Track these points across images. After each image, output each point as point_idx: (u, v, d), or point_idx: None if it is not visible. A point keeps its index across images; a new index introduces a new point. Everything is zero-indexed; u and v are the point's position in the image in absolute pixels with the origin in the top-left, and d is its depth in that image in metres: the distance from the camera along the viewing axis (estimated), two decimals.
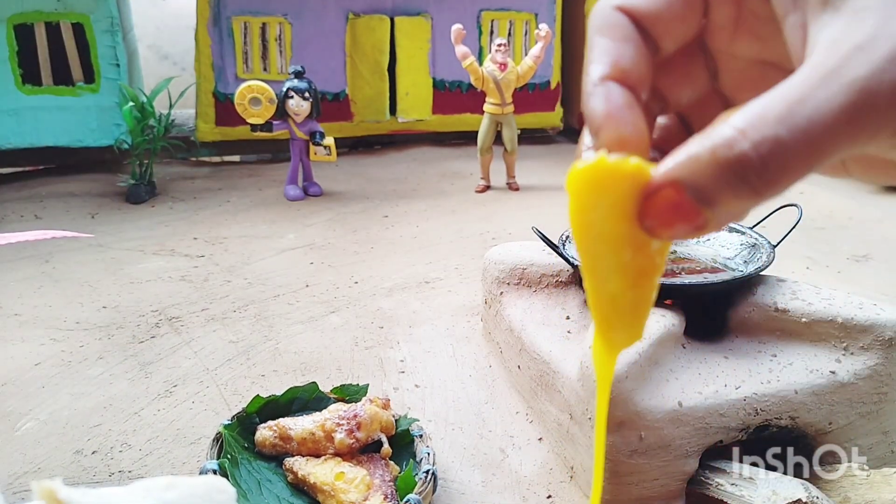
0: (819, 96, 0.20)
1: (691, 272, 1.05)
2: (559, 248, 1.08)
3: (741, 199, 0.21)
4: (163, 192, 2.28)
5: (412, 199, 2.21)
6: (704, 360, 0.90)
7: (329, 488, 0.84)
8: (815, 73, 0.20)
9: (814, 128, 0.20)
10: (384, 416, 0.93)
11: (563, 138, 2.99)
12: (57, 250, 1.77)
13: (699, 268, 1.06)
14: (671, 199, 0.22)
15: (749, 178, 0.21)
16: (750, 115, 0.21)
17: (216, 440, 0.92)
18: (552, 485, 0.94)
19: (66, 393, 1.15)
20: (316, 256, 1.74)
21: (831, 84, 0.20)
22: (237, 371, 1.21)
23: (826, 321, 0.90)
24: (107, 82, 2.35)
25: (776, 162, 0.20)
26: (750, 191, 0.21)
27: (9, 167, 2.47)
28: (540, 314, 1.09)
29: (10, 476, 0.95)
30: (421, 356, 1.25)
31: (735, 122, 0.21)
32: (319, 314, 1.42)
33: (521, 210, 2.08)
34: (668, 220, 0.22)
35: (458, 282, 1.57)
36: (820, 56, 0.21)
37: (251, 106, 2.09)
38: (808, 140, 0.20)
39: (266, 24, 2.56)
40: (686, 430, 0.83)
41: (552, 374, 0.98)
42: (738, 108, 0.21)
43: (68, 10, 2.28)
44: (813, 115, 0.20)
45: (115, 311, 1.44)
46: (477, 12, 2.73)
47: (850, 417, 0.88)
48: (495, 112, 2.20)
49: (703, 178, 0.21)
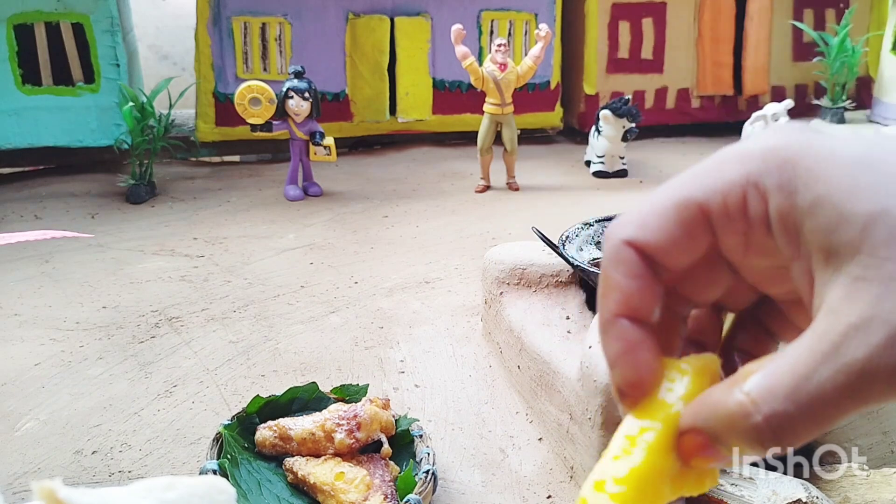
0: (822, 375, 0.22)
1: None
2: (559, 248, 1.08)
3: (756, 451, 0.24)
4: (163, 192, 2.28)
5: (412, 199, 2.21)
6: None
7: (329, 488, 0.84)
8: (819, 347, 0.22)
9: (818, 404, 0.22)
10: (384, 417, 0.94)
11: (563, 138, 2.99)
12: (57, 250, 1.77)
13: None
14: (697, 442, 0.25)
15: (763, 442, 0.23)
16: (761, 386, 0.23)
17: (216, 440, 0.92)
18: (552, 485, 0.94)
19: (66, 393, 1.15)
20: (316, 256, 1.74)
21: (832, 363, 0.22)
22: (237, 371, 1.21)
23: None
24: (107, 82, 2.35)
25: (785, 432, 0.23)
26: (763, 449, 0.24)
27: (9, 167, 2.47)
28: (540, 314, 1.09)
29: (10, 476, 0.95)
30: (421, 356, 1.25)
31: (750, 391, 0.23)
32: (319, 314, 1.42)
33: (521, 210, 2.08)
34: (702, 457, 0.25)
35: (458, 282, 1.57)
36: (822, 325, 0.23)
37: (251, 106, 2.09)
38: (813, 415, 0.22)
39: (266, 24, 2.56)
40: None
41: (552, 374, 0.98)
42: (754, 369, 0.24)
43: (68, 10, 2.28)
44: (818, 392, 0.22)
45: (115, 311, 1.44)
46: (477, 12, 2.73)
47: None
48: (495, 112, 2.20)
49: (723, 434, 0.24)
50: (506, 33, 2.77)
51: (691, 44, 2.83)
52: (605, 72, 2.80)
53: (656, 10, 2.78)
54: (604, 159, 2.36)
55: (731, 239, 0.26)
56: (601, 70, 2.79)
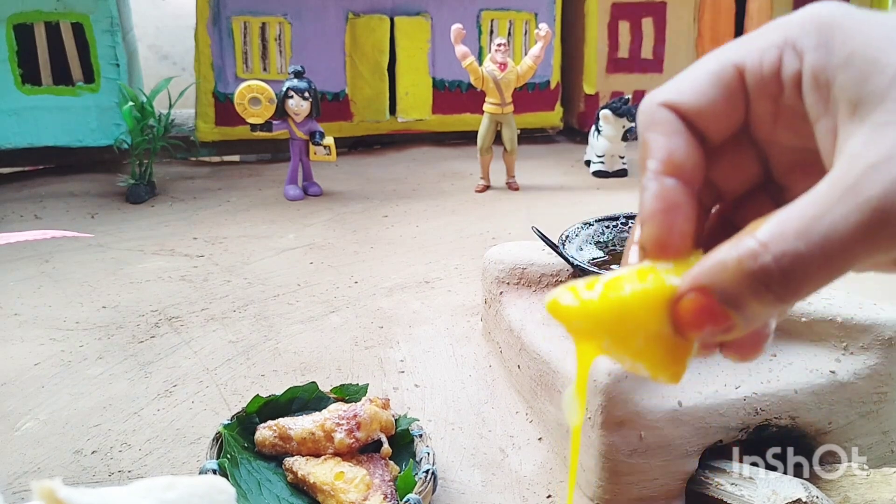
0: (836, 213, 0.21)
1: None
2: (559, 248, 1.08)
3: (765, 304, 0.23)
4: (163, 192, 2.28)
5: (412, 199, 2.21)
6: (704, 360, 0.90)
7: (329, 488, 0.84)
8: (833, 190, 0.22)
9: (830, 244, 0.21)
10: (384, 416, 0.94)
11: (562, 138, 2.99)
12: (57, 250, 1.77)
13: None
14: (700, 303, 0.24)
15: (772, 286, 0.22)
16: (772, 228, 0.22)
17: (216, 440, 0.92)
18: (552, 485, 0.94)
19: (66, 393, 1.15)
20: (316, 256, 1.74)
21: (847, 202, 0.21)
22: (237, 371, 1.21)
23: (826, 321, 0.90)
24: (107, 82, 2.35)
25: (795, 274, 0.22)
26: (773, 297, 0.23)
27: (9, 167, 2.47)
28: (540, 314, 1.09)
29: (9, 476, 0.95)
30: (421, 356, 1.25)
31: (759, 235, 0.22)
32: (319, 314, 1.42)
33: (521, 210, 2.08)
34: (698, 323, 0.24)
35: (458, 282, 1.57)
36: (839, 171, 0.22)
37: (251, 106, 2.09)
38: (824, 255, 0.21)
39: (266, 24, 2.56)
40: (686, 429, 0.83)
41: (552, 374, 0.98)
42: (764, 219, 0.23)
43: (68, 10, 2.28)
44: (829, 231, 0.21)
45: (114, 311, 1.44)
46: (477, 12, 2.73)
47: (850, 417, 0.88)
48: (495, 112, 2.20)
49: (730, 285, 0.23)
50: (506, 33, 2.77)
51: (691, 44, 2.83)
52: (605, 71, 2.80)
53: (656, 10, 2.78)
54: (604, 159, 2.36)
55: (763, 106, 0.26)
56: (601, 70, 2.79)
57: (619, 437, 0.82)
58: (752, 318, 0.23)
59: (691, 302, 0.24)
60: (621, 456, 0.83)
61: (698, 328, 0.24)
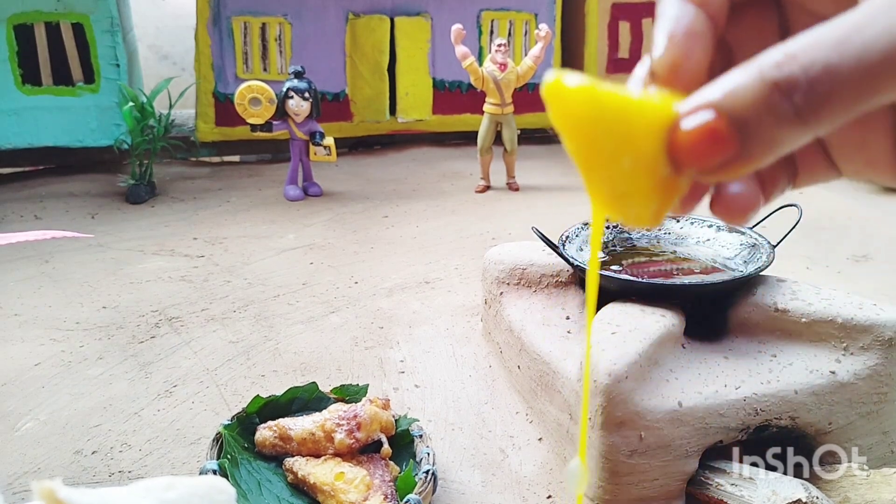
0: (877, 25, 0.19)
1: (691, 272, 1.05)
2: (559, 248, 1.08)
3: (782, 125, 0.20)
4: (163, 192, 2.28)
5: (412, 199, 2.21)
6: (704, 360, 0.90)
7: (329, 488, 0.84)
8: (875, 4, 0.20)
9: (868, 56, 0.19)
10: (384, 417, 0.94)
11: None
12: (57, 250, 1.77)
13: (699, 268, 1.06)
14: (706, 125, 0.21)
15: (795, 99, 0.20)
16: (803, 40, 0.20)
17: (216, 440, 0.92)
18: (552, 485, 0.94)
19: (66, 393, 1.15)
20: (316, 256, 1.74)
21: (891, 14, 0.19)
22: (237, 371, 1.21)
23: (826, 321, 0.90)
24: (107, 82, 2.35)
25: (824, 86, 0.19)
26: (794, 115, 0.20)
27: (9, 167, 2.47)
28: (540, 314, 1.09)
29: (10, 476, 0.95)
30: (421, 356, 1.25)
31: (786, 48, 0.20)
32: (319, 314, 1.42)
33: (521, 210, 2.08)
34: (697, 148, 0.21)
35: (458, 282, 1.57)
36: None
37: (251, 106, 2.09)
38: (859, 68, 0.19)
39: (266, 24, 2.56)
40: (686, 430, 0.83)
41: (552, 374, 0.98)
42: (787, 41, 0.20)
43: (68, 10, 2.28)
44: (868, 42, 0.19)
45: (114, 312, 1.44)
46: (477, 12, 2.73)
47: (850, 417, 0.88)
48: (495, 112, 2.20)
49: (745, 100, 0.20)
50: (506, 33, 2.77)
51: None
52: (605, 72, 2.80)
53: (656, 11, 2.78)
54: None
55: None
56: (601, 70, 2.79)
57: (619, 438, 0.82)
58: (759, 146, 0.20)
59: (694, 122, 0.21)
60: (621, 456, 0.83)
61: (696, 155, 0.21)
